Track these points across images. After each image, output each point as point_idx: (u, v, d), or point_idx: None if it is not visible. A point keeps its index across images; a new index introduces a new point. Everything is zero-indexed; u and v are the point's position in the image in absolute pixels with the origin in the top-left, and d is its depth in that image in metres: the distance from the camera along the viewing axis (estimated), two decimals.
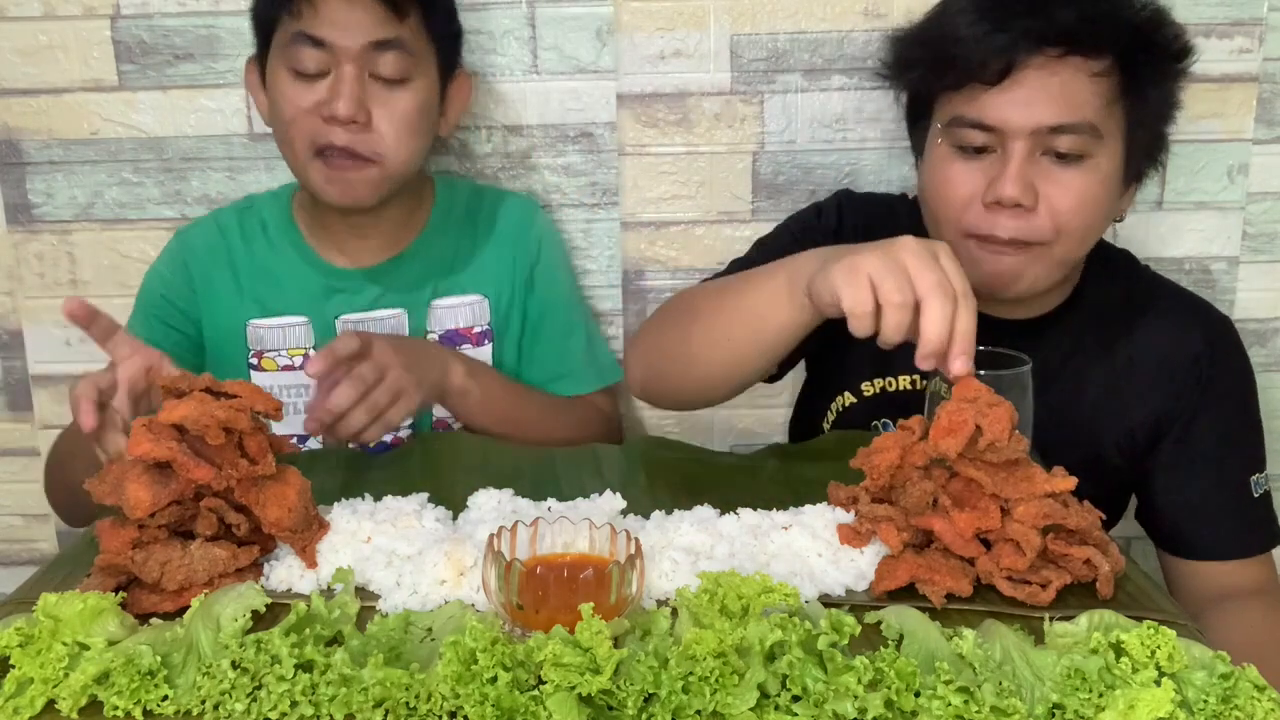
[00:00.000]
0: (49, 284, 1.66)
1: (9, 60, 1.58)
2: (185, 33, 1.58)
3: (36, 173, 1.62)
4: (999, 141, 1.18)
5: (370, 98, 1.34)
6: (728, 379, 1.20)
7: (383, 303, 1.49)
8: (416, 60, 1.36)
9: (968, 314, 0.94)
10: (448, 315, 1.51)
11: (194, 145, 1.62)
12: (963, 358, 0.93)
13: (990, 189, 1.18)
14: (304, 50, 1.33)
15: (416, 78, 1.37)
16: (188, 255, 1.49)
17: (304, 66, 1.33)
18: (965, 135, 1.20)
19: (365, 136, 1.34)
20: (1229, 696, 0.73)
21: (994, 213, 1.19)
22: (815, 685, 0.72)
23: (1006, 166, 1.17)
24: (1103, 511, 0.94)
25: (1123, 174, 1.22)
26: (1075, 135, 1.16)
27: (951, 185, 1.22)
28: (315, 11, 1.32)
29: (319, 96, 1.33)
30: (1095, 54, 1.16)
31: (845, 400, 1.39)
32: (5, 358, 1.69)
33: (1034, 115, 1.16)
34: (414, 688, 0.72)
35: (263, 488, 0.90)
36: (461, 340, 1.51)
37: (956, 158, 1.22)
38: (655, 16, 1.59)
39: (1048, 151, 1.17)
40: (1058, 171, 1.18)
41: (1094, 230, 1.23)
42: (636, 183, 1.65)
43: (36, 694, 0.74)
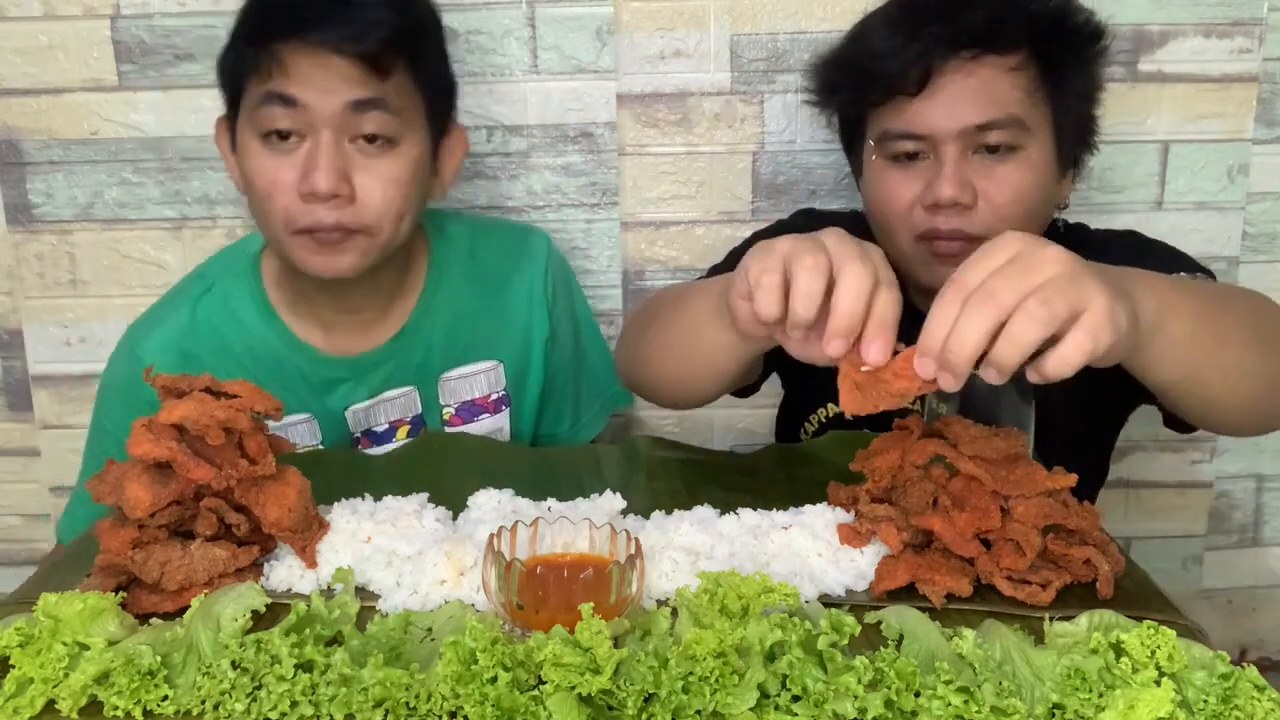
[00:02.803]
0: (49, 284, 1.66)
1: (9, 60, 1.58)
2: (185, 33, 1.58)
3: (36, 173, 1.62)
4: (930, 147, 1.22)
5: (352, 164, 1.19)
6: (685, 389, 1.16)
7: (390, 384, 1.36)
8: (403, 120, 1.21)
9: (889, 299, 0.85)
10: (461, 387, 1.39)
11: (194, 145, 1.61)
12: (878, 343, 0.84)
13: (928, 192, 1.21)
14: (275, 110, 1.17)
15: (404, 139, 1.21)
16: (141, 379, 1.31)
17: (276, 126, 1.18)
18: (897, 146, 1.23)
19: (349, 210, 1.19)
20: (1229, 696, 0.73)
21: (934, 214, 1.21)
22: (815, 685, 0.72)
23: (941, 169, 1.20)
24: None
25: (1056, 161, 1.24)
26: (1002, 130, 1.19)
27: (891, 194, 1.24)
28: (284, 70, 1.17)
29: (294, 168, 1.18)
30: (1009, 50, 1.19)
31: (829, 410, 1.40)
32: (5, 358, 1.69)
33: (959, 117, 1.19)
34: (414, 688, 0.72)
35: (263, 488, 0.90)
36: (479, 411, 1.40)
37: (892, 168, 1.25)
38: (655, 16, 1.59)
39: (978, 149, 1.20)
40: (991, 167, 1.20)
41: (1035, 219, 1.25)
42: (636, 183, 1.65)
43: (36, 694, 0.74)
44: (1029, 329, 0.76)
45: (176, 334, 1.31)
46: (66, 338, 1.67)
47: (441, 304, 1.38)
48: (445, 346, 1.38)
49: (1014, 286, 0.77)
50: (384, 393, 1.36)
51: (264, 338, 1.31)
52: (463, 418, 1.41)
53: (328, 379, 1.34)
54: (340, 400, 1.34)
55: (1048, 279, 0.77)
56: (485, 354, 1.40)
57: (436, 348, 1.38)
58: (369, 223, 1.21)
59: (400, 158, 1.22)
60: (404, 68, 1.21)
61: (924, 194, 1.21)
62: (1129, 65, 1.61)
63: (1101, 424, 1.41)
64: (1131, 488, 1.79)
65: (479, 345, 1.40)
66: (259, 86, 1.19)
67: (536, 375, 1.45)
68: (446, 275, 1.38)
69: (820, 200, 1.65)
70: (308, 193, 1.17)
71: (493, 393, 1.41)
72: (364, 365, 1.35)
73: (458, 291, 1.39)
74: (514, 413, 1.43)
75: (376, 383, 1.36)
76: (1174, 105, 1.62)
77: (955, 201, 1.19)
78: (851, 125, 1.34)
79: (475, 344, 1.39)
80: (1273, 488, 1.81)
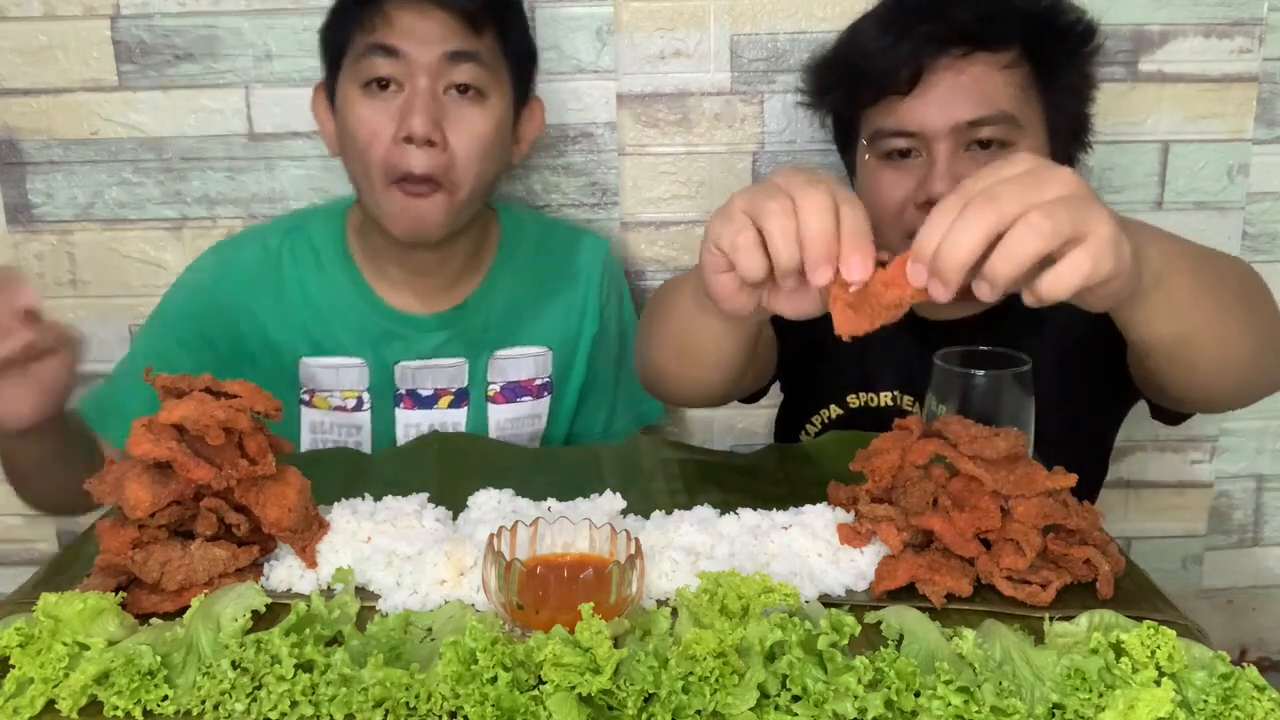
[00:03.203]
0: (49, 284, 1.66)
1: (9, 60, 1.58)
2: (185, 33, 1.58)
3: (36, 173, 1.62)
4: (923, 145, 1.22)
5: (444, 115, 1.27)
6: (693, 385, 1.16)
7: (444, 351, 1.42)
8: (492, 76, 1.30)
9: (853, 213, 0.81)
10: (510, 366, 1.45)
11: (194, 145, 1.62)
12: (856, 256, 0.79)
13: (921, 189, 1.21)
14: (377, 60, 1.27)
15: (492, 94, 1.30)
16: (229, 280, 1.40)
17: (376, 74, 1.27)
18: (889, 144, 1.23)
19: (440, 160, 1.27)
20: (1229, 696, 0.73)
21: (927, 213, 1.19)
22: (815, 685, 0.72)
23: (933, 167, 1.20)
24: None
25: (1049, 157, 1.23)
26: (994, 126, 1.19)
27: (884, 193, 1.24)
28: (389, 22, 1.26)
29: (392, 116, 1.26)
30: (1000, 48, 1.20)
31: (831, 412, 1.40)
32: None
33: (951, 114, 1.19)
34: (414, 688, 0.72)
35: (263, 488, 0.90)
36: (522, 393, 1.46)
37: (885, 167, 1.25)
38: (655, 16, 1.59)
39: (971, 146, 1.20)
40: (984, 163, 1.17)
41: None
42: (636, 183, 1.65)
43: (36, 694, 0.74)
44: (1029, 241, 0.73)
45: (264, 255, 1.41)
46: None
47: (504, 285, 1.45)
48: (502, 325, 1.44)
49: (1019, 196, 0.73)
50: (436, 359, 1.42)
51: (337, 279, 1.40)
52: (506, 397, 1.46)
53: (386, 329, 1.40)
54: (394, 353, 1.41)
55: (1057, 196, 0.74)
56: (537, 339, 1.46)
57: (493, 325, 1.44)
58: (455, 174, 1.28)
59: (488, 112, 1.30)
60: (494, 30, 1.30)
61: (916, 192, 1.21)
62: (1129, 65, 1.61)
63: (1099, 421, 1.41)
64: (1131, 488, 1.79)
65: (532, 330, 1.46)
66: (363, 39, 1.28)
67: (580, 369, 1.50)
68: (513, 259, 1.46)
69: None
70: (405, 136, 1.25)
71: (538, 377, 1.47)
72: (423, 325, 1.41)
73: (521, 276, 1.46)
74: (554, 402, 1.48)
75: (431, 346, 1.42)
76: (1174, 105, 1.62)
77: None
78: (845, 126, 1.34)
79: (529, 328, 1.46)
80: (1273, 488, 1.81)
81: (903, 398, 1.36)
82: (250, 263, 1.40)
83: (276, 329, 1.40)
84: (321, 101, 1.38)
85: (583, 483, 1.09)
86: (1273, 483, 1.81)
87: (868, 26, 1.26)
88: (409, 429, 1.43)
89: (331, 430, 1.42)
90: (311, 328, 1.40)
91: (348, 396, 1.41)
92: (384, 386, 1.41)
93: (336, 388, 1.41)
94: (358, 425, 1.42)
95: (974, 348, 0.98)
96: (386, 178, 1.28)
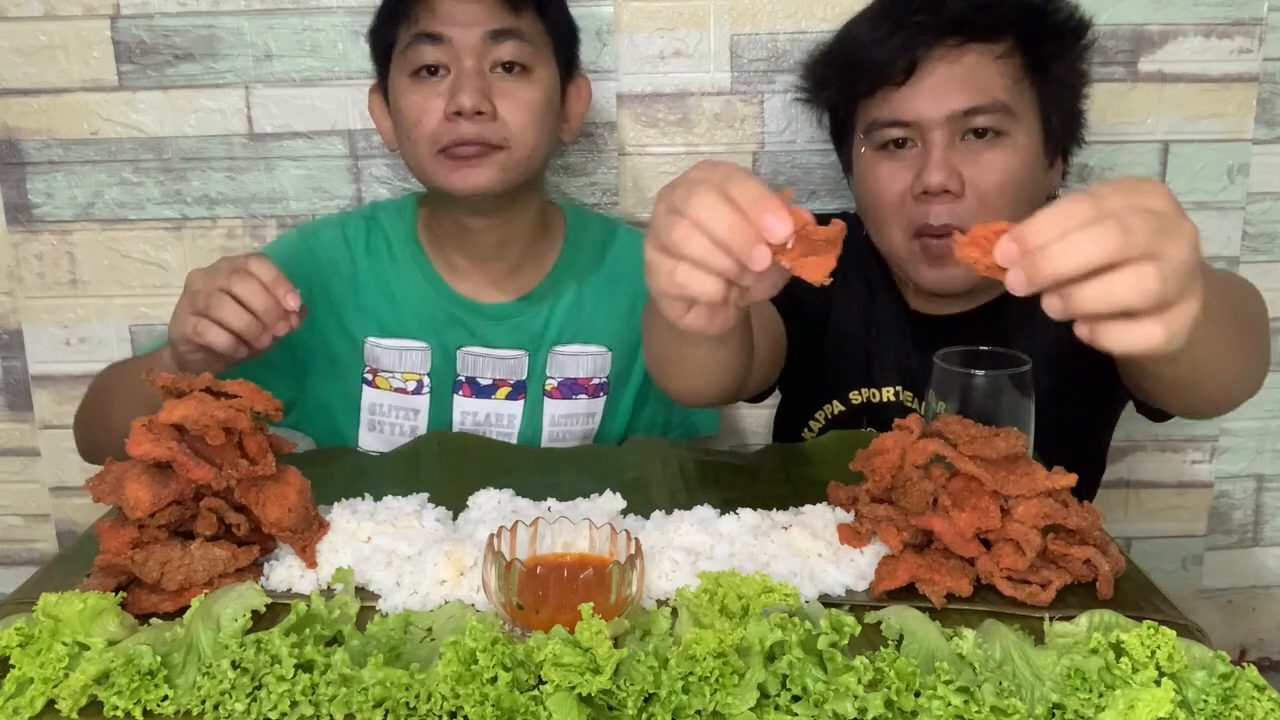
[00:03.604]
0: (49, 284, 1.66)
1: (9, 60, 1.58)
2: (185, 33, 1.58)
3: (36, 173, 1.62)
4: (918, 134, 1.23)
5: (493, 89, 1.31)
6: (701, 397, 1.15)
7: (507, 341, 1.44)
8: (536, 52, 1.33)
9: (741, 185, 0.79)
10: (569, 363, 1.46)
11: (194, 145, 1.62)
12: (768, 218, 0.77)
13: (917, 180, 1.22)
14: (423, 49, 1.31)
15: (537, 68, 1.33)
16: (310, 256, 1.43)
17: (424, 60, 1.31)
18: (885, 135, 1.25)
19: (492, 126, 1.30)
20: (1229, 696, 0.73)
21: (925, 203, 1.23)
22: (815, 685, 0.72)
23: (929, 156, 1.21)
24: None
25: (1043, 149, 1.26)
26: (988, 115, 1.20)
27: (881, 184, 1.26)
28: (431, 11, 1.31)
29: (441, 96, 1.30)
30: (994, 38, 1.21)
31: (834, 408, 1.41)
32: (5, 358, 1.69)
33: (945, 103, 1.20)
34: (414, 688, 0.72)
35: (263, 488, 0.90)
36: (579, 390, 1.47)
37: (882, 158, 1.26)
38: (655, 16, 1.59)
39: (965, 135, 1.21)
40: (979, 153, 1.21)
41: (1023, 207, 1.23)
42: (636, 183, 1.65)
43: (36, 694, 0.74)
44: (1130, 291, 0.70)
45: (341, 238, 1.45)
46: (66, 338, 1.67)
47: (569, 281, 1.46)
48: (565, 321, 1.46)
49: (1148, 240, 0.70)
50: (496, 348, 1.44)
51: (406, 266, 1.44)
52: (562, 392, 1.47)
53: (451, 314, 1.43)
54: (457, 339, 1.43)
55: (1176, 255, 0.70)
56: (598, 339, 1.48)
57: (556, 320, 1.45)
58: (509, 137, 1.31)
59: (535, 84, 1.33)
60: (533, 8, 1.33)
61: (914, 184, 1.22)
62: (1129, 65, 1.61)
63: (1096, 417, 1.42)
64: (1131, 488, 1.79)
65: (594, 329, 1.47)
66: (408, 32, 1.32)
67: (638, 374, 1.51)
68: (579, 257, 1.48)
69: (820, 200, 1.65)
70: (454, 111, 1.29)
71: (596, 376, 1.48)
72: (487, 313, 1.44)
73: (587, 275, 1.47)
74: (609, 403, 1.50)
75: (494, 335, 1.44)
76: (1174, 105, 1.62)
77: (944, 188, 1.20)
78: (841, 120, 1.35)
79: (591, 326, 1.47)
80: (1273, 488, 1.81)
81: (905, 393, 1.36)
82: (330, 243, 1.45)
83: (347, 309, 1.43)
84: (378, 102, 1.41)
85: (583, 483, 1.09)
86: (1273, 483, 1.81)
87: (863, 19, 1.28)
88: (465, 416, 1.45)
89: (389, 413, 1.44)
90: (380, 310, 1.43)
91: (408, 379, 1.44)
92: (445, 372, 1.44)
93: (398, 369, 1.44)
94: (415, 409, 1.43)
95: (974, 348, 0.98)
96: (433, 149, 1.31)
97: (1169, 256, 0.70)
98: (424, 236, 1.45)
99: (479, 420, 1.44)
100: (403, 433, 1.43)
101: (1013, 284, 0.73)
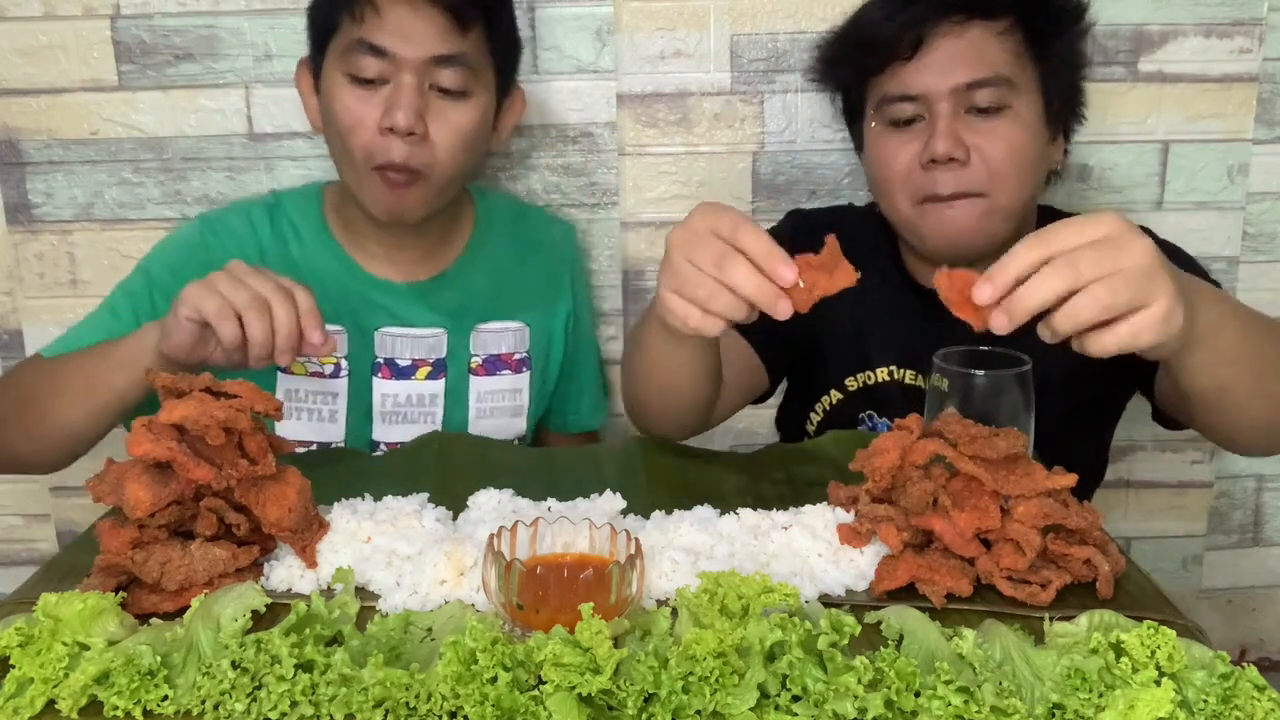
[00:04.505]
0: (49, 284, 1.66)
1: (9, 60, 1.58)
2: (185, 33, 1.58)
3: (36, 173, 1.62)
4: (925, 108, 1.28)
5: (427, 109, 1.30)
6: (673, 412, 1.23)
7: (424, 320, 1.45)
8: (476, 74, 1.32)
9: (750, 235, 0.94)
10: (491, 340, 1.48)
11: (194, 145, 1.62)
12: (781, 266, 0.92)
13: (925, 150, 1.26)
14: (364, 58, 1.28)
15: (476, 92, 1.33)
16: (213, 241, 1.41)
17: (362, 73, 1.29)
18: (895, 110, 1.30)
19: (420, 149, 1.30)
20: (1229, 696, 0.73)
21: (932, 171, 1.27)
22: (815, 685, 0.72)
23: (935, 126, 1.26)
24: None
25: (1045, 121, 1.30)
26: (992, 88, 1.25)
27: (891, 156, 1.30)
28: (380, 19, 1.28)
29: (376, 106, 1.29)
30: (996, 16, 1.27)
31: (833, 398, 1.44)
32: (5, 358, 1.69)
33: (951, 77, 1.25)
34: (414, 688, 0.72)
35: (263, 488, 0.90)
36: (502, 366, 1.49)
37: (891, 133, 1.31)
38: (655, 16, 1.59)
39: (970, 109, 1.26)
40: (983, 124, 1.26)
41: (1028, 176, 1.29)
42: (636, 183, 1.65)
43: (36, 694, 0.74)
44: (1089, 309, 0.84)
45: (248, 223, 1.43)
46: None
47: (484, 259, 1.48)
48: (483, 298, 1.48)
49: (1096, 265, 0.84)
50: (415, 327, 1.45)
51: (317, 250, 1.43)
52: (487, 369, 1.49)
53: (366, 296, 1.43)
54: (373, 320, 1.43)
55: (1126, 268, 0.84)
56: (515, 315, 1.50)
57: (474, 297, 1.47)
58: (435, 164, 1.32)
59: (471, 108, 1.33)
60: (481, 26, 1.32)
61: (921, 154, 1.27)
62: (1129, 65, 1.61)
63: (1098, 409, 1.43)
64: (1131, 488, 1.79)
65: (511, 305, 1.49)
66: (351, 31, 1.30)
67: (558, 347, 1.54)
68: (491, 235, 1.50)
69: (820, 200, 1.65)
70: (388, 127, 1.28)
71: (517, 352, 1.50)
72: (402, 293, 1.44)
73: (499, 252, 1.50)
74: (534, 378, 1.52)
75: (411, 315, 1.44)
76: (1174, 105, 1.62)
77: (950, 156, 1.24)
78: (853, 99, 1.40)
79: (508, 303, 1.49)
80: (1273, 488, 1.81)
81: (901, 371, 1.38)
82: (238, 228, 1.43)
83: None
84: (305, 77, 1.40)
85: (583, 483, 1.09)
86: (1273, 483, 1.81)
87: (874, 2, 1.34)
88: (385, 399, 1.45)
89: (306, 398, 1.43)
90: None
91: (325, 363, 1.43)
92: (362, 354, 1.43)
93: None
94: (334, 393, 1.43)
95: (974, 348, 0.98)
96: (368, 164, 1.31)
97: (1120, 268, 0.84)
98: (333, 221, 1.45)
99: (399, 403, 1.45)
100: (321, 417, 1.42)
101: (996, 325, 0.86)
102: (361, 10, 1.28)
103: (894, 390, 1.39)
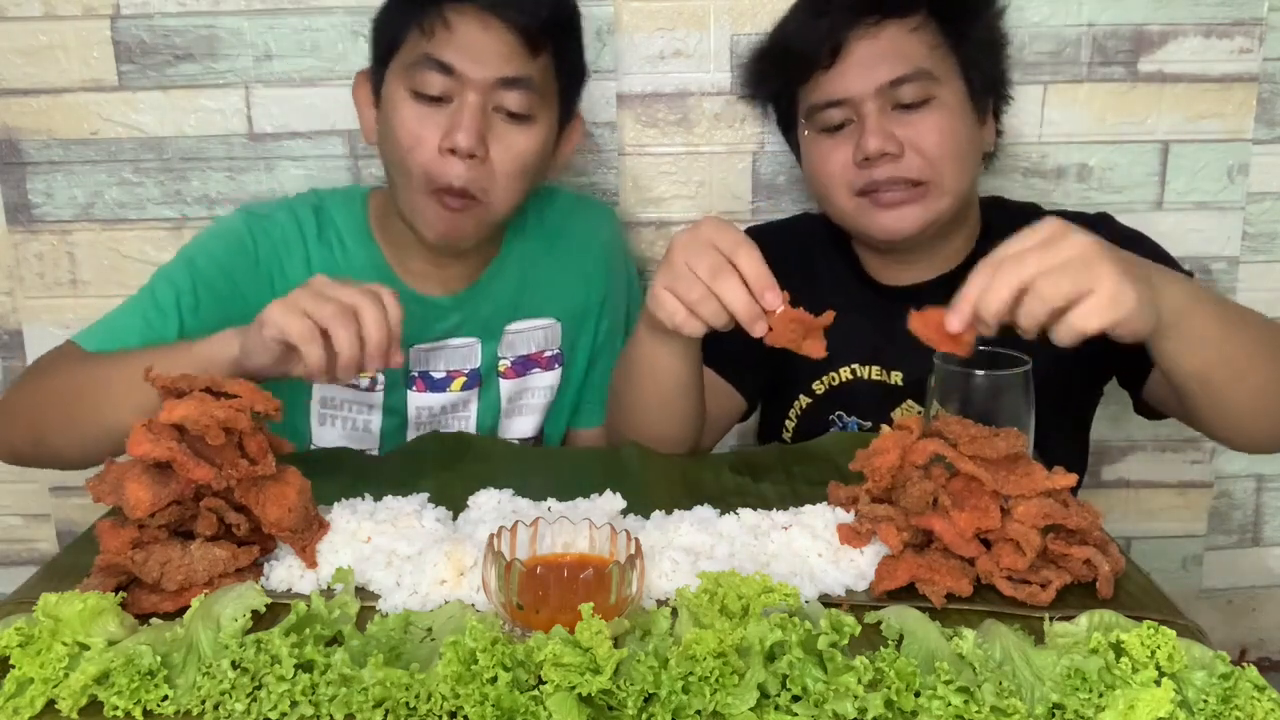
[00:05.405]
0: (49, 284, 1.66)
1: (9, 60, 1.58)
2: (185, 33, 1.58)
3: (36, 173, 1.62)
4: (853, 111, 1.31)
5: (489, 131, 1.26)
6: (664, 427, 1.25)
7: (459, 331, 1.42)
8: (541, 99, 1.29)
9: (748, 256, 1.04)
10: (520, 340, 1.45)
11: (194, 145, 1.61)
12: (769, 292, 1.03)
13: (857, 149, 1.30)
14: (430, 74, 1.25)
15: (539, 117, 1.29)
16: (258, 235, 1.37)
17: (427, 89, 1.25)
18: (824, 117, 1.33)
19: (478, 172, 1.26)
20: (1229, 696, 0.73)
21: (867, 168, 1.29)
22: (815, 685, 0.72)
23: (865, 125, 1.29)
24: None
25: (971, 107, 1.34)
26: (914, 83, 1.29)
27: (825, 160, 1.34)
28: (450, 34, 1.24)
29: (438, 125, 1.25)
30: (909, 12, 1.31)
31: (802, 403, 1.44)
32: (5, 358, 1.69)
33: (873, 77, 1.29)
34: (414, 688, 0.72)
35: (263, 488, 0.90)
36: (532, 365, 1.47)
37: (824, 139, 1.34)
38: (655, 16, 1.59)
39: (896, 106, 1.29)
40: (911, 118, 1.29)
41: (963, 161, 1.32)
42: (637, 183, 1.65)
43: (36, 694, 0.74)
44: (1036, 302, 0.93)
45: (295, 223, 1.39)
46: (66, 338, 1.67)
47: (513, 263, 1.45)
48: (512, 300, 1.45)
49: (1038, 263, 0.93)
50: (449, 339, 1.42)
51: (359, 259, 1.39)
52: (517, 371, 1.47)
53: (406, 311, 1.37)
54: (409, 336, 1.38)
55: (1063, 261, 0.93)
56: (546, 311, 1.47)
57: (504, 302, 1.44)
58: (493, 190, 1.28)
59: (533, 133, 1.30)
60: (550, 51, 1.29)
61: (854, 153, 1.30)
62: (1129, 65, 1.61)
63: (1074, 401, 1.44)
64: (1131, 488, 1.79)
65: (541, 301, 1.47)
66: (418, 46, 1.26)
67: (588, 337, 1.50)
68: (519, 236, 1.46)
69: None
70: (449, 148, 1.25)
71: (548, 349, 1.48)
72: (440, 307, 1.41)
73: (528, 251, 1.46)
74: (565, 373, 1.49)
75: (444, 328, 1.42)
76: (1174, 105, 1.62)
77: (882, 152, 1.27)
78: (785, 111, 1.44)
79: (538, 300, 1.46)
80: (1273, 488, 1.81)
81: (864, 368, 1.40)
82: (286, 225, 1.38)
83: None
84: (364, 90, 1.36)
85: (583, 483, 1.09)
86: (1273, 483, 1.81)
87: (790, 14, 1.39)
88: (420, 411, 1.44)
89: (342, 406, 1.42)
90: None
91: (362, 375, 1.38)
92: (398, 369, 1.41)
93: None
94: (370, 404, 1.42)
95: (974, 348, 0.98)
96: (427, 186, 1.27)
97: (1057, 263, 0.93)
98: (377, 231, 1.41)
99: (434, 413, 1.44)
100: (355, 427, 1.42)
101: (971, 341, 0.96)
102: (432, 25, 1.25)
103: (860, 388, 1.40)
